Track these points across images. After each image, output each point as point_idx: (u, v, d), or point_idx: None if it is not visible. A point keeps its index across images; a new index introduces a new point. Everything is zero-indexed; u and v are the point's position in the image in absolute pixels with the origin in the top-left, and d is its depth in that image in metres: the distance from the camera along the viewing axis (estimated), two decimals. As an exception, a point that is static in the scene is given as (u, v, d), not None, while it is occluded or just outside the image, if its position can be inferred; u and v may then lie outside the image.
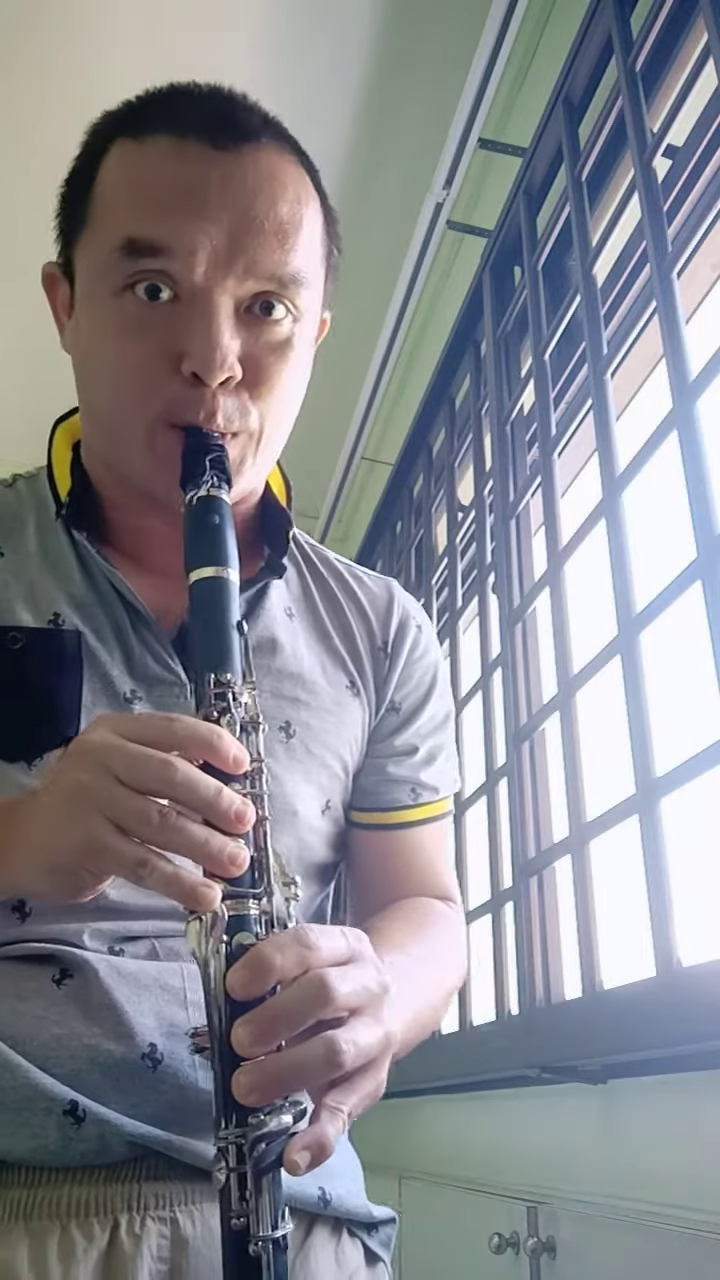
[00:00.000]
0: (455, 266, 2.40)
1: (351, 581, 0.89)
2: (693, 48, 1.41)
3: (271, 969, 0.53)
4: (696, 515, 1.16)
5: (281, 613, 0.82)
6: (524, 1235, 1.28)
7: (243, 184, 0.67)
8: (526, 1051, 1.42)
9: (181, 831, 0.53)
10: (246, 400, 0.70)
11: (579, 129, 1.66)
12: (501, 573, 1.80)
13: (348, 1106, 0.55)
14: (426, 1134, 1.93)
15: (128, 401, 0.69)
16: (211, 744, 0.56)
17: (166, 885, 0.53)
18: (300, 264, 0.70)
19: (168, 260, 0.66)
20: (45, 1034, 0.62)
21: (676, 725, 1.26)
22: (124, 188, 0.68)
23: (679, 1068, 1.15)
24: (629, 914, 1.27)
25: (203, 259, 0.66)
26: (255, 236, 0.67)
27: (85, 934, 0.67)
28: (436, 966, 0.78)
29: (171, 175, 0.67)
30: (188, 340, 0.66)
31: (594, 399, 1.47)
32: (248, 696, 0.61)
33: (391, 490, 2.70)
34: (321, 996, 0.53)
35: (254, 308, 0.69)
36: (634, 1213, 1.14)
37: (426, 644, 0.90)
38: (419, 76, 2.12)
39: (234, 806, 0.55)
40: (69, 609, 0.74)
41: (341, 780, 0.82)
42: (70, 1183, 0.60)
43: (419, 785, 0.86)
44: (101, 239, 0.68)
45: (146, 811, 0.53)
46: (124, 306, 0.68)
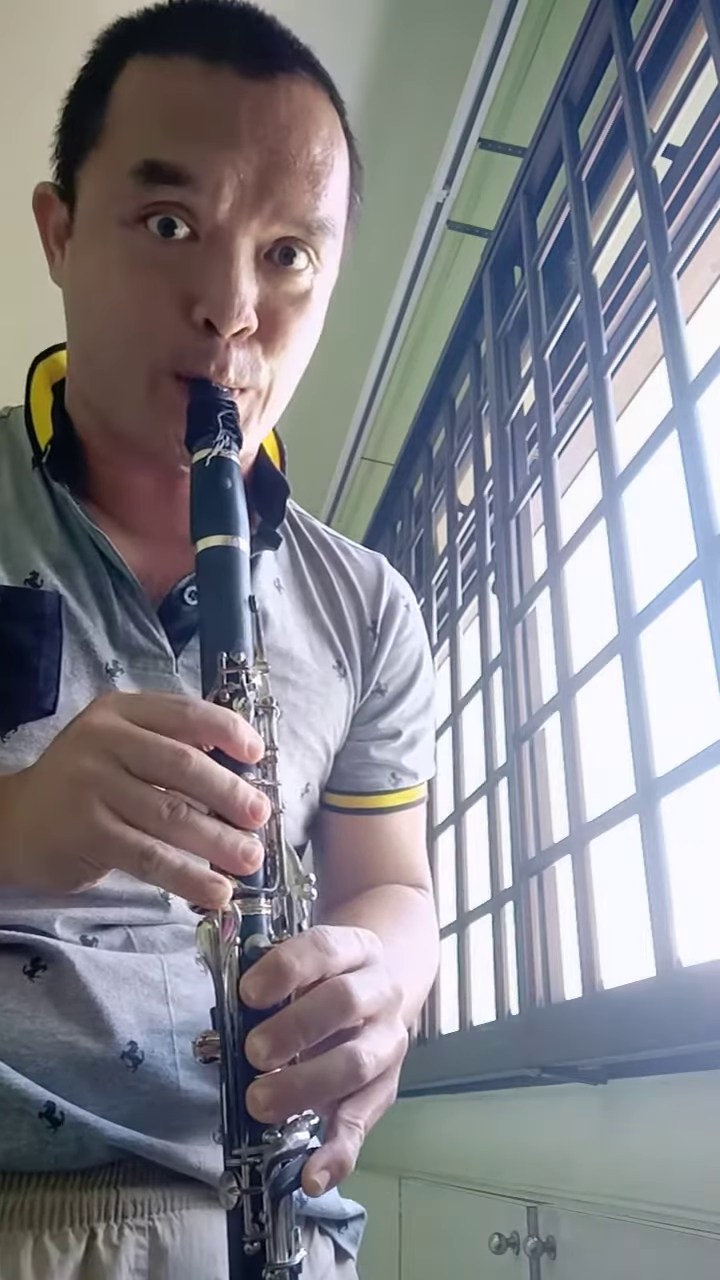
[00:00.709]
0: (455, 266, 2.40)
1: (341, 555, 0.84)
2: (693, 48, 1.41)
3: (291, 975, 0.49)
4: (696, 515, 1.16)
5: (271, 586, 0.77)
6: (524, 1235, 1.28)
7: (276, 118, 0.61)
8: (526, 1051, 1.42)
9: (193, 827, 0.49)
10: (259, 354, 0.64)
11: (579, 129, 1.66)
12: (501, 573, 1.80)
13: (364, 1119, 0.51)
14: (426, 1134, 1.93)
15: (130, 345, 0.63)
16: (227, 731, 0.52)
17: (174, 880, 0.49)
18: (330, 210, 0.64)
19: (190, 192, 0.60)
20: (16, 1029, 0.58)
21: (676, 725, 1.26)
22: (146, 107, 0.62)
23: (679, 1068, 1.15)
24: (629, 914, 1.27)
25: (229, 194, 0.60)
26: (286, 176, 0.61)
27: (57, 921, 0.62)
28: (419, 960, 0.75)
29: (200, 99, 0.61)
30: (204, 283, 0.61)
31: (594, 399, 1.47)
32: (259, 679, 0.57)
33: (391, 490, 2.70)
34: (344, 1004, 0.50)
35: (274, 254, 0.63)
36: (634, 1213, 1.14)
37: (414, 625, 0.86)
38: (419, 76, 2.12)
39: (249, 800, 0.51)
40: (47, 568, 0.68)
41: (322, 763, 0.79)
42: (44, 1188, 0.56)
43: (399, 770, 0.83)
44: (115, 161, 0.62)
45: (156, 804, 0.49)
46: (134, 239, 0.62)
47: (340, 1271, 0.70)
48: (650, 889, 1.17)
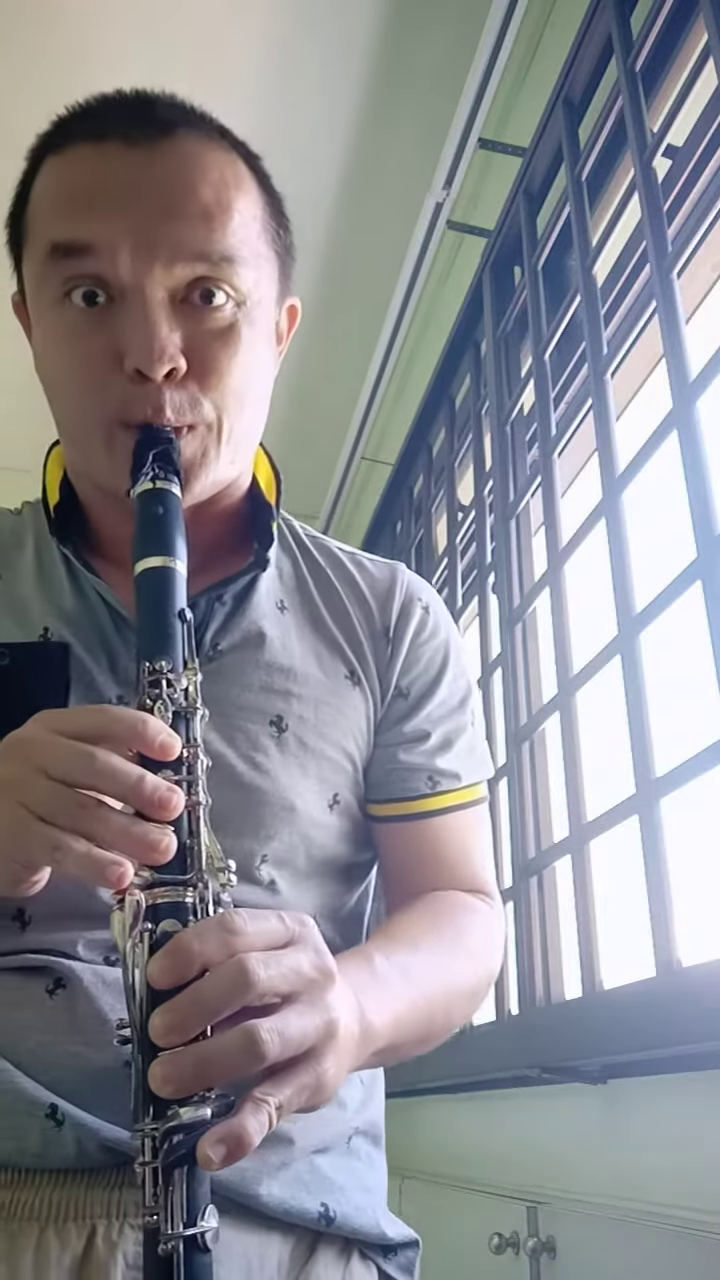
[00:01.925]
0: (455, 266, 2.40)
1: (352, 568, 0.86)
2: (693, 48, 1.41)
3: (192, 955, 0.51)
4: (696, 515, 1.16)
5: (271, 606, 0.80)
6: (524, 1235, 1.28)
7: (159, 174, 0.67)
8: (526, 1051, 1.42)
9: (101, 819, 0.53)
10: (196, 391, 0.69)
11: (579, 129, 1.66)
12: (501, 573, 1.80)
13: (276, 1099, 0.51)
14: (426, 1134, 1.93)
15: (84, 407, 0.70)
16: (136, 730, 0.55)
17: (79, 865, 0.52)
18: (232, 242, 0.68)
19: (94, 259, 0.66)
20: (30, 1041, 0.62)
21: (676, 725, 1.26)
22: (49, 196, 0.69)
23: (679, 1068, 1.15)
24: (629, 914, 1.27)
25: (125, 251, 0.66)
26: (176, 221, 0.66)
27: (79, 944, 0.66)
28: (452, 960, 0.74)
29: (89, 177, 0.67)
30: (127, 337, 0.66)
31: (594, 399, 1.47)
32: (187, 683, 0.60)
33: (391, 490, 2.70)
34: (241, 983, 0.50)
35: (192, 297, 0.68)
36: (634, 1213, 1.14)
37: (435, 625, 0.86)
38: (419, 76, 2.12)
39: (158, 793, 0.54)
40: (58, 622, 0.75)
41: (349, 772, 0.79)
42: (51, 1186, 0.60)
43: (436, 772, 0.82)
44: (35, 250, 0.70)
45: (65, 801, 0.53)
46: (65, 315, 0.68)
47: None
48: (650, 889, 1.17)
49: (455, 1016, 0.74)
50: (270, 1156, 0.64)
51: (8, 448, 2.95)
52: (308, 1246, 0.66)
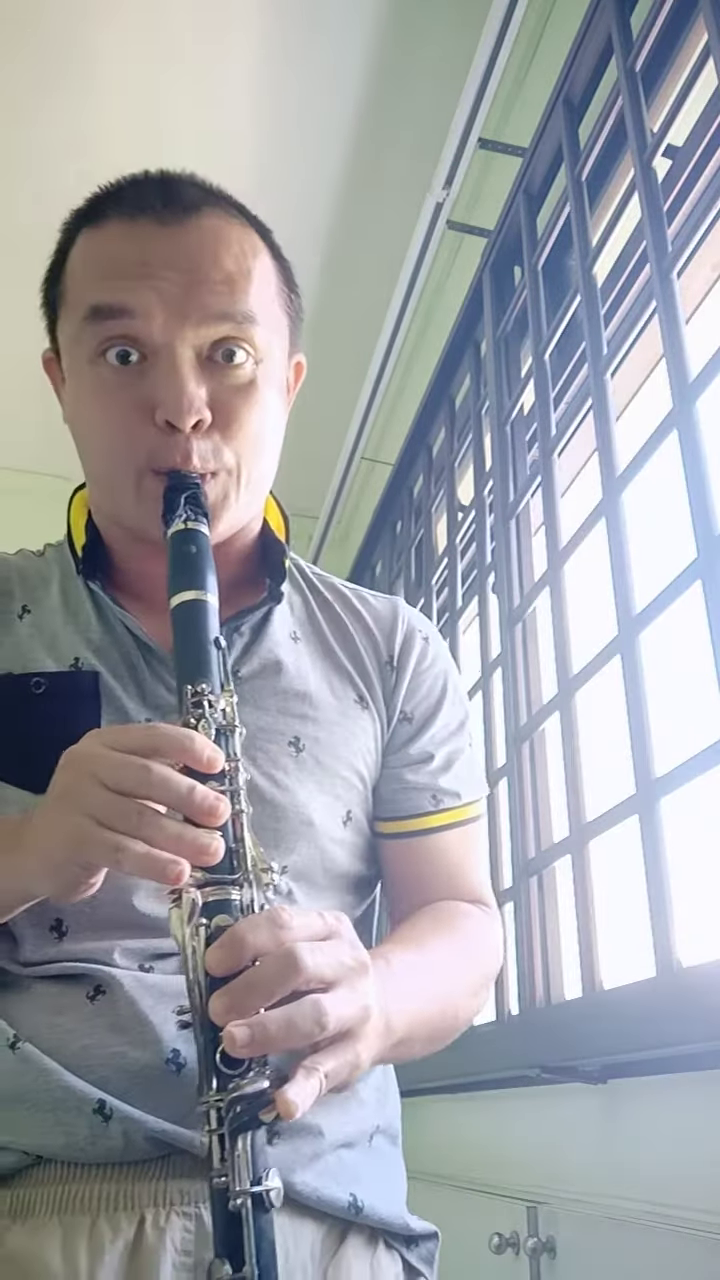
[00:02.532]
0: (455, 266, 2.40)
1: (357, 603, 0.93)
2: (693, 48, 1.41)
3: (245, 945, 0.57)
4: (696, 515, 1.16)
5: (286, 637, 0.87)
6: (524, 1235, 1.28)
7: (189, 248, 0.75)
8: (526, 1051, 1.42)
9: (157, 826, 0.58)
10: (219, 441, 0.76)
11: (579, 129, 1.66)
12: (501, 573, 1.80)
13: (324, 1068, 0.57)
14: (426, 1134, 1.93)
15: (115, 455, 0.76)
16: (184, 746, 0.61)
17: (140, 865, 0.57)
18: (253, 304, 0.76)
19: (129, 321, 0.73)
20: (76, 1044, 0.67)
21: (676, 725, 1.26)
22: (88, 265, 0.77)
23: (679, 1068, 1.15)
24: (629, 914, 1.27)
25: (159, 314, 0.73)
26: (204, 286, 0.74)
27: (116, 952, 0.71)
28: (457, 962, 0.80)
29: (125, 249, 0.75)
30: (158, 392, 0.73)
31: (594, 399, 1.47)
32: (224, 704, 0.66)
33: (391, 490, 2.70)
34: (292, 968, 0.57)
35: (215, 356, 0.75)
36: (634, 1213, 1.14)
37: (435, 655, 0.93)
38: (419, 76, 2.12)
39: (207, 801, 0.59)
40: (88, 652, 0.81)
41: (360, 791, 0.85)
42: (101, 1179, 0.65)
43: (439, 791, 0.88)
44: (73, 313, 0.77)
45: (124, 809, 0.58)
46: (100, 372, 0.75)
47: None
48: (650, 889, 1.17)
49: (461, 1015, 0.79)
50: (303, 1147, 0.69)
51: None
52: (339, 1234, 0.70)
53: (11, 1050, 0.67)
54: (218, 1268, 0.53)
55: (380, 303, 2.41)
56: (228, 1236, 0.54)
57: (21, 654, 0.81)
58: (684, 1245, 1.02)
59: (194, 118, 2.24)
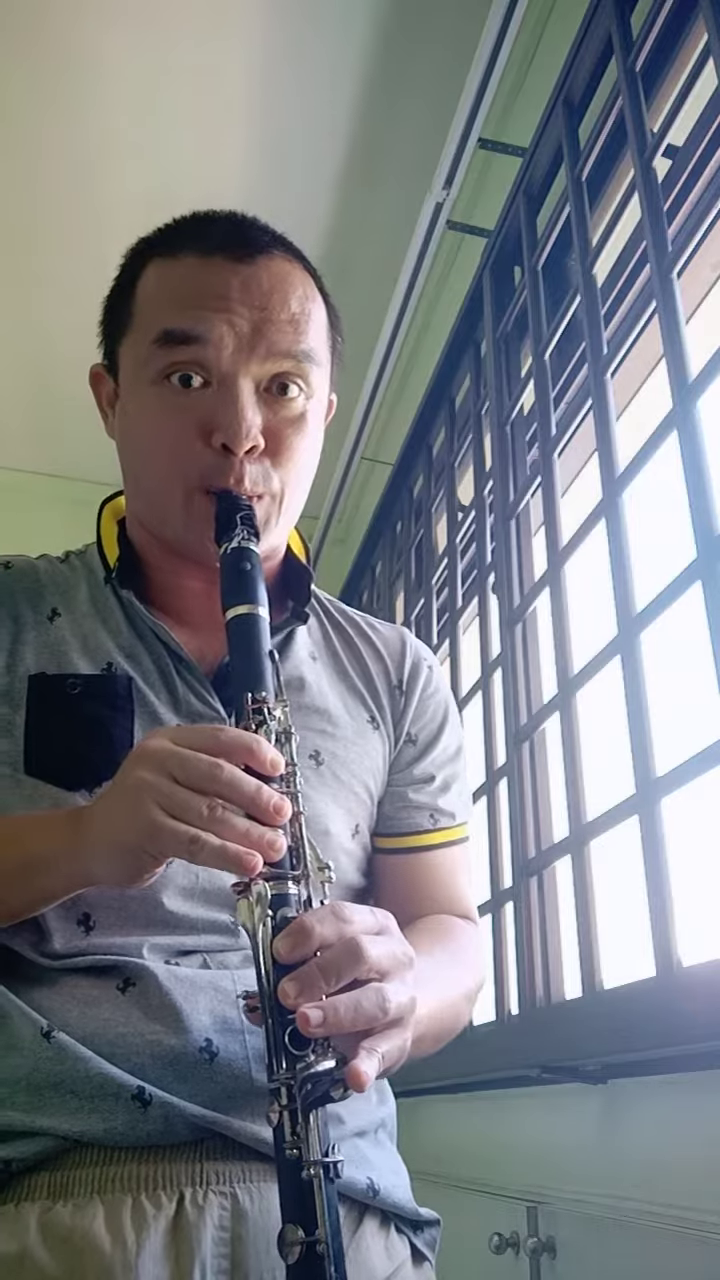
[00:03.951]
0: (455, 266, 2.40)
1: (367, 630, 0.98)
2: (693, 48, 1.41)
3: (312, 935, 0.61)
4: (696, 515, 1.16)
5: (307, 656, 0.91)
6: (524, 1235, 1.28)
7: (260, 287, 0.80)
8: (526, 1051, 1.42)
9: (227, 822, 0.62)
10: (269, 467, 0.80)
11: (579, 129, 1.66)
12: (501, 573, 1.80)
13: (381, 1049, 0.61)
14: (426, 1134, 1.93)
15: (168, 472, 0.80)
16: (251, 749, 0.65)
17: (217, 856, 0.61)
18: (310, 345, 0.81)
19: (199, 348, 0.78)
20: (112, 1032, 0.70)
21: (676, 725, 1.26)
22: (161, 293, 0.81)
23: (679, 1068, 1.15)
24: (629, 914, 1.27)
25: (229, 345, 0.78)
26: (272, 325, 0.79)
27: (144, 948, 0.74)
28: (457, 969, 0.84)
29: (201, 281, 0.80)
30: (218, 417, 0.77)
31: (594, 399, 1.47)
32: (280, 713, 0.70)
33: (391, 490, 2.70)
34: (356, 956, 0.61)
35: (272, 388, 0.80)
36: (634, 1213, 1.14)
37: (437, 683, 0.99)
38: (419, 76, 2.12)
39: (273, 801, 0.64)
40: (120, 658, 0.84)
41: (367, 806, 0.90)
42: (139, 1161, 0.68)
43: (437, 811, 0.94)
44: (142, 336, 0.81)
45: (197, 804, 0.62)
46: (162, 393, 0.79)
47: (418, 1272, 0.78)
48: (650, 889, 1.17)
49: (461, 1019, 0.84)
50: (327, 1133, 0.70)
51: (8, 448, 2.95)
52: (357, 1215, 0.74)
53: (46, 1040, 0.70)
54: (291, 1233, 0.57)
55: (380, 303, 2.41)
56: (301, 1204, 0.58)
57: (56, 655, 0.84)
58: (684, 1245, 1.02)
59: (194, 119, 2.24)
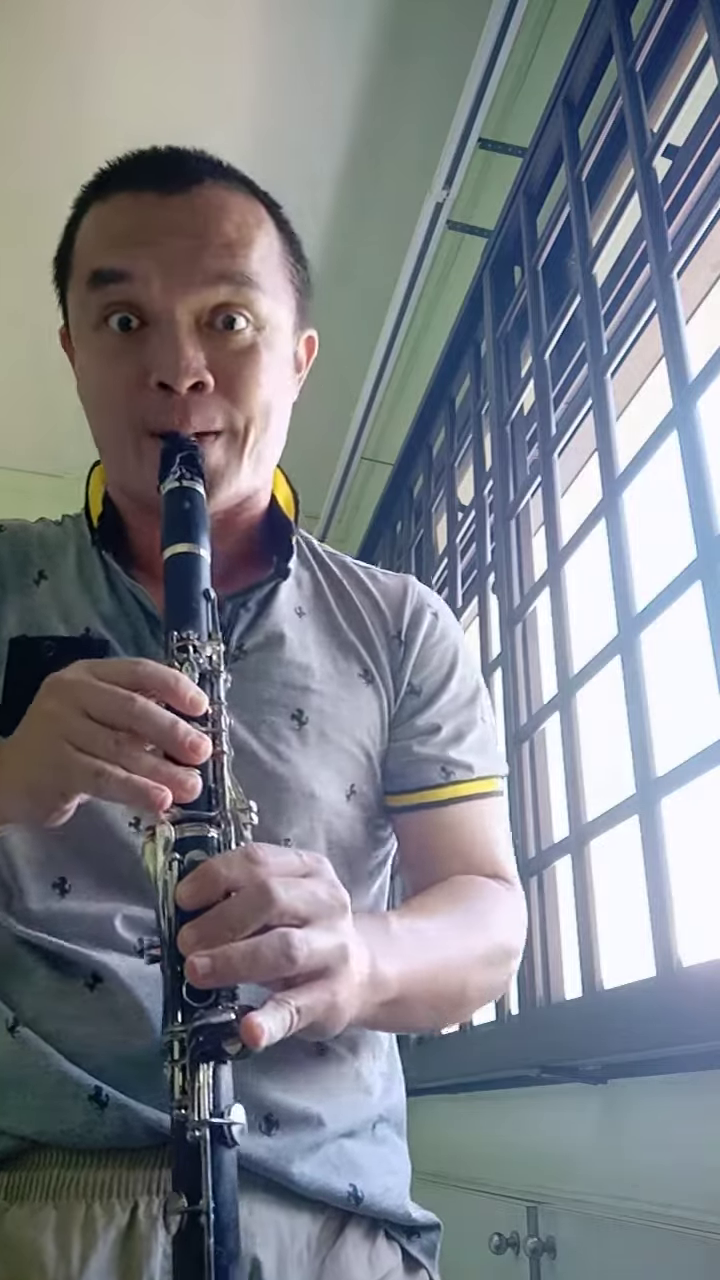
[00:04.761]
0: (455, 266, 2.40)
1: (366, 580, 0.93)
2: (693, 48, 1.41)
3: (218, 879, 0.56)
4: (696, 515, 1.16)
5: (291, 611, 0.87)
6: (524, 1235, 1.28)
7: (189, 215, 0.76)
8: (526, 1051, 1.42)
9: (135, 757, 0.58)
10: (221, 402, 0.76)
11: (579, 129, 1.66)
12: (501, 573, 1.80)
13: (295, 1001, 0.56)
14: (426, 1134, 1.93)
15: (115, 419, 0.77)
16: (168, 684, 0.61)
17: (122, 790, 0.57)
18: (254, 269, 0.77)
19: (128, 285, 0.74)
20: (77, 1031, 0.68)
21: (676, 725, 1.26)
22: (92, 234, 0.79)
23: (679, 1068, 1.15)
24: (629, 914, 1.27)
25: (157, 278, 0.74)
26: (203, 250, 0.75)
27: (118, 920, 0.71)
28: (466, 928, 0.77)
29: (128, 218, 0.77)
30: (155, 355, 0.74)
31: (594, 399, 1.47)
32: (211, 650, 0.66)
33: (391, 490, 2.70)
34: (264, 900, 0.56)
35: (215, 323, 0.76)
36: (634, 1213, 1.14)
37: (444, 629, 0.93)
38: (419, 77, 2.12)
39: (189, 738, 0.59)
40: (98, 623, 0.82)
41: (364, 765, 0.84)
42: (96, 1166, 0.65)
43: (449, 763, 0.86)
44: (78, 280, 0.78)
45: (105, 738, 0.58)
46: (103, 339, 0.77)
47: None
48: (650, 889, 1.17)
49: (472, 984, 0.77)
50: (303, 1137, 0.69)
51: (8, 448, 2.94)
52: (337, 1225, 0.70)
53: (10, 1034, 0.68)
54: (174, 1200, 0.51)
55: (380, 303, 2.41)
56: (186, 1169, 0.52)
57: (37, 618, 0.82)
58: (684, 1245, 1.02)
59: (192, 119, 2.24)
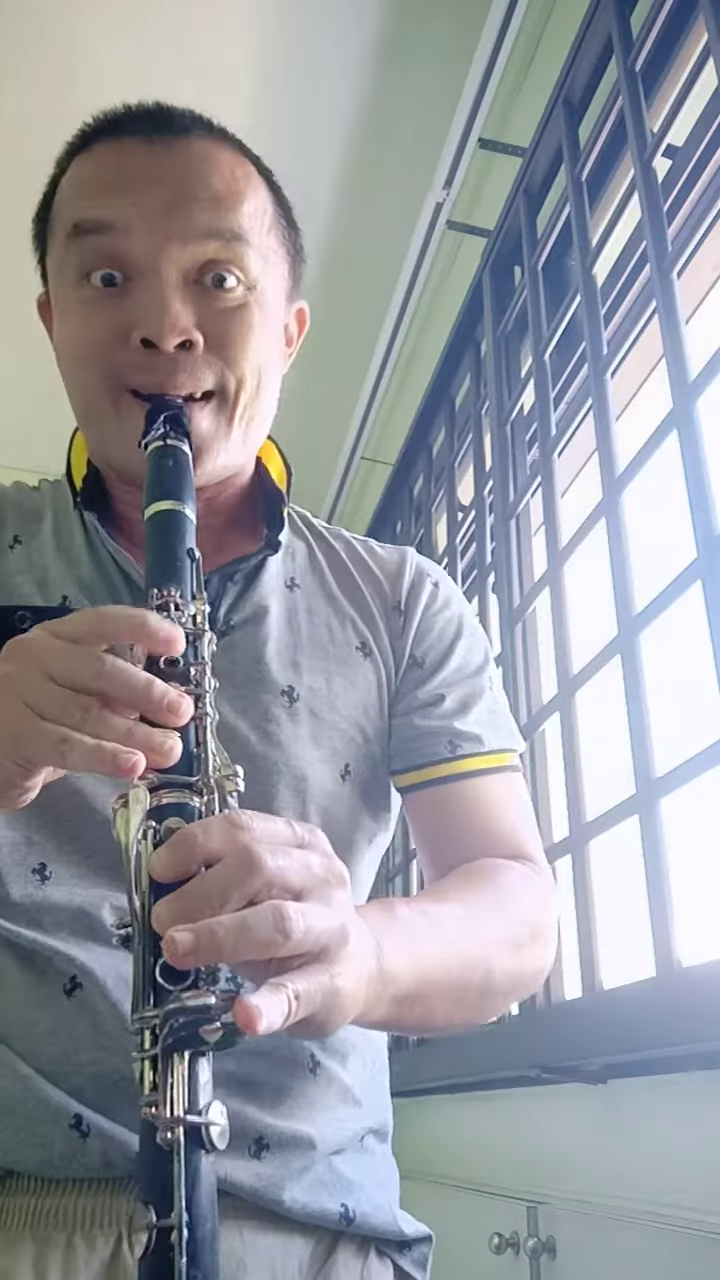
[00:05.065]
0: (455, 266, 2.40)
1: (363, 552, 0.89)
2: (693, 48, 1.41)
3: (196, 848, 0.48)
4: (696, 515, 1.16)
5: (281, 584, 0.82)
6: (524, 1235, 1.28)
7: (175, 165, 0.72)
8: (526, 1051, 1.42)
9: (104, 720, 0.51)
10: (211, 361, 0.72)
11: (579, 129, 1.66)
12: (501, 573, 1.80)
13: (294, 986, 0.47)
14: (426, 1134, 1.93)
15: (93, 379, 0.73)
16: (137, 625, 0.54)
17: (89, 758, 0.50)
18: (243, 224, 0.73)
19: (111, 237, 0.70)
20: (54, 1048, 0.63)
21: (676, 725, 1.26)
22: (73, 187, 0.74)
23: (679, 1068, 1.15)
24: (629, 914, 1.27)
25: (141, 230, 0.70)
26: (190, 203, 0.71)
27: (104, 909, 0.66)
28: (488, 912, 0.71)
29: (109, 168, 0.73)
30: (139, 310, 0.70)
31: (594, 399, 1.47)
32: (195, 610, 0.60)
33: (391, 490, 2.70)
34: (250, 869, 0.48)
35: (204, 280, 0.72)
36: (634, 1213, 1.14)
37: (446, 598, 0.88)
38: (419, 77, 2.12)
39: (166, 697, 0.52)
40: (76, 590, 0.77)
41: (360, 744, 0.79)
42: (77, 1193, 0.60)
43: (456, 736, 0.80)
44: (58, 237, 0.74)
45: (71, 702, 0.51)
46: (83, 296, 0.72)
47: None
48: (650, 889, 1.17)
49: (497, 972, 0.69)
50: (293, 1161, 0.65)
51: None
52: (328, 1246, 0.67)
53: None
54: (141, 1214, 0.43)
55: (380, 303, 2.41)
56: (154, 1176, 0.43)
57: (9, 586, 0.77)
58: (684, 1245, 1.02)
59: (194, 118, 2.24)
